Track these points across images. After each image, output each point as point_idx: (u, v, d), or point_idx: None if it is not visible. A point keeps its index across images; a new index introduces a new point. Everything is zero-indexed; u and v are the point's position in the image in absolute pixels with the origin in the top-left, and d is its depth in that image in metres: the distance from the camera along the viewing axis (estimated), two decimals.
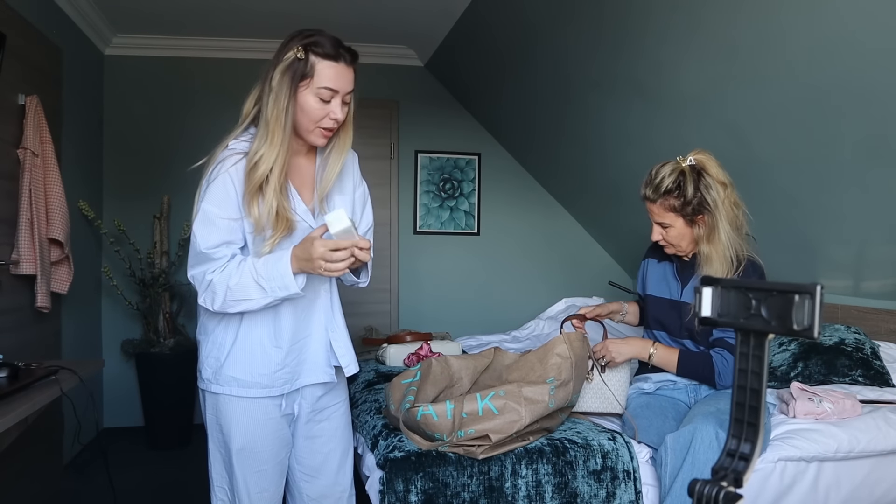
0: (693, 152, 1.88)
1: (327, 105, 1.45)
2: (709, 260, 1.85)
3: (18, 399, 1.54)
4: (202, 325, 1.57)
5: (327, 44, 1.43)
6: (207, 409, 1.55)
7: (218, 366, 1.51)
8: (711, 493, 0.60)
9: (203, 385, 1.55)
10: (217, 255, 1.44)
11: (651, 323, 2.08)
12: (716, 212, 1.83)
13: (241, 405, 1.50)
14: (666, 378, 2.03)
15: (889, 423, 1.91)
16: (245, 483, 1.52)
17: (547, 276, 4.53)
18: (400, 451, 1.69)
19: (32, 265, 2.54)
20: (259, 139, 1.43)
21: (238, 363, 1.50)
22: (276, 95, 1.41)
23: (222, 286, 1.42)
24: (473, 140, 4.45)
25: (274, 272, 1.39)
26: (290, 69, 1.41)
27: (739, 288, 0.62)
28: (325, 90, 1.43)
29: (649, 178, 1.91)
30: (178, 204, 3.99)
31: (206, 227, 1.44)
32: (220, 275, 1.42)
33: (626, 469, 1.72)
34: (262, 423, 1.52)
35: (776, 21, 1.92)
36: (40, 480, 2.53)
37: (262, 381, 1.50)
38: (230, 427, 1.51)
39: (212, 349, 1.53)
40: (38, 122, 2.65)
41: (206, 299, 1.45)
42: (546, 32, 2.92)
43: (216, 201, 1.44)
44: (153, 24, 3.76)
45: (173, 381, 3.75)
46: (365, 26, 3.76)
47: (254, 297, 1.41)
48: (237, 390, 1.50)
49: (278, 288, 1.40)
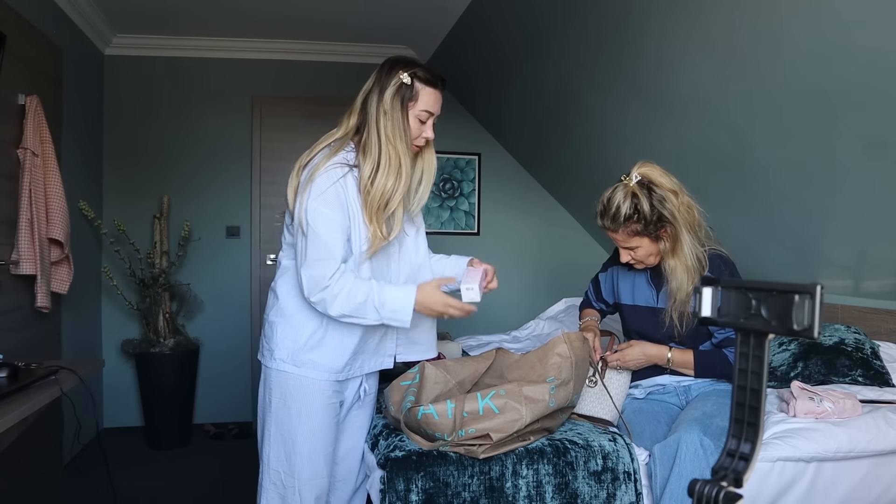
0: (636, 167, 1.85)
1: (423, 126, 1.64)
2: (674, 272, 1.84)
3: (18, 399, 1.54)
4: (280, 308, 1.66)
5: (427, 71, 1.63)
6: (274, 390, 1.64)
7: (296, 348, 1.62)
8: (711, 492, 0.60)
9: (275, 365, 1.64)
10: (337, 253, 1.55)
11: (631, 333, 2.06)
12: (675, 223, 1.81)
13: (312, 388, 1.62)
14: (656, 383, 2.02)
15: (889, 423, 1.91)
16: (311, 467, 1.63)
17: (547, 276, 4.53)
18: (401, 451, 1.69)
19: (32, 265, 2.54)
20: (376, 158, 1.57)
21: (318, 348, 1.63)
22: (391, 118, 1.58)
23: (340, 298, 1.53)
24: (473, 140, 4.45)
25: (397, 306, 1.55)
26: (399, 93, 1.59)
27: (739, 288, 0.62)
28: (424, 113, 1.63)
29: (603, 209, 1.86)
30: (178, 204, 3.99)
31: (325, 226, 1.54)
32: (337, 285, 1.53)
33: (627, 470, 1.72)
34: (328, 408, 1.65)
35: (776, 22, 1.92)
36: (40, 480, 2.53)
37: (335, 366, 1.63)
38: (300, 409, 1.62)
39: (289, 332, 1.64)
40: (38, 122, 2.65)
41: (317, 300, 1.55)
42: (546, 32, 2.92)
43: (334, 206, 1.55)
44: (153, 24, 3.76)
45: (173, 381, 3.75)
46: (365, 26, 3.76)
47: (367, 318, 1.56)
48: (313, 373, 1.62)
49: (393, 320, 1.56)
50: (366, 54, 4.16)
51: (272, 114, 4.15)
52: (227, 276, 4.14)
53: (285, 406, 1.63)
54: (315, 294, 1.54)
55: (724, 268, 1.89)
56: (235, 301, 4.14)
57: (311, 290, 1.54)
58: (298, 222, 1.56)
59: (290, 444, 1.63)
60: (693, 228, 1.84)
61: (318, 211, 1.53)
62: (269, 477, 1.64)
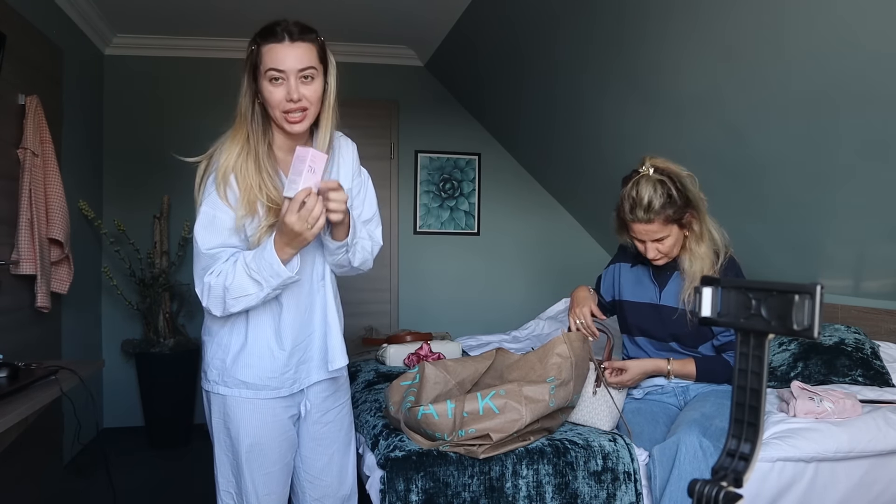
0: (647, 159, 1.87)
1: (280, 87, 1.43)
2: (695, 256, 1.85)
3: (18, 399, 1.54)
4: (206, 326, 1.57)
5: (269, 27, 1.44)
6: (213, 411, 1.54)
7: (224, 367, 1.50)
8: (711, 492, 0.60)
9: (209, 387, 1.53)
10: (220, 257, 1.46)
11: (632, 329, 2.06)
12: (699, 204, 1.85)
13: (249, 407, 1.50)
14: (653, 384, 2.02)
15: (889, 423, 1.91)
16: (253, 485, 1.51)
17: (547, 276, 4.53)
18: (401, 451, 1.69)
19: (32, 265, 2.54)
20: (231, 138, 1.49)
21: (245, 365, 1.49)
22: (244, 94, 1.47)
23: (219, 288, 1.42)
24: (473, 140, 4.45)
25: (262, 262, 1.38)
26: (247, 63, 1.47)
27: (739, 288, 0.62)
28: (272, 72, 1.42)
29: (634, 203, 1.83)
30: (178, 204, 3.99)
31: (204, 229, 1.47)
32: (217, 278, 1.43)
33: (627, 470, 1.72)
34: (270, 425, 1.51)
35: (775, 21, 1.92)
36: (40, 480, 2.53)
37: (270, 384, 1.50)
38: (238, 429, 1.50)
39: (217, 351, 1.52)
40: (38, 122, 2.65)
41: (209, 303, 1.45)
42: (546, 32, 2.92)
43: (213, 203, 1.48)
44: (153, 24, 3.76)
45: (173, 381, 3.75)
46: (365, 26, 3.76)
47: (251, 292, 1.40)
48: (245, 392, 1.49)
49: (270, 276, 1.38)
50: (366, 54, 4.16)
51: None
52: None
53: (225, 427, 1.52)
54: (205, 299, 1.44)
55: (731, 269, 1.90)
56: None
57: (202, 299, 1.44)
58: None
59: (235, 465, 1.53)
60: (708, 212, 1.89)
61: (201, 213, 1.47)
62: (222, 499, 1.57)
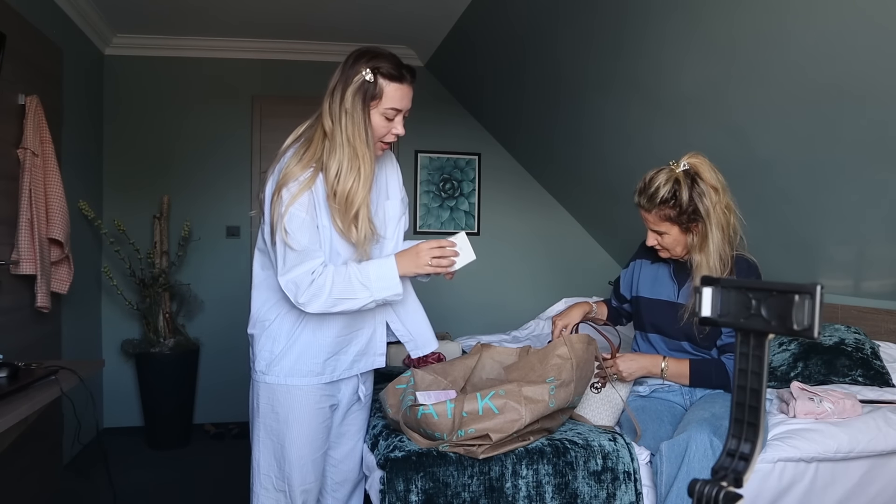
0: (687, 155, 1.84)
1: (391, 122, 1.57)
2: (699, 268, 1.85)
3: (18, 399, 1.54)
4: (259, 320, 1.65)
5: (392, 65, 1.53)
6: (262, 399, 1.63)
7: (272, 357, 1.61)
8: (711, 492, 0.60)
9: (257, 377, 1.64)
10: (316, 254, 1.51)
11: (646, 326, 2.06)
12: (707, 221, 1.81)
13: (297, 394, 1.60)
14: (660, 381, 2.02)
15: (889, 423, 1.91)
16: (301, 472, 1.62)
17: (547, 276, 4.53)
18: (400, 451, 1.69)
19: (32, 265, 2.54)
20: (340, 158, 1.51)
21: (292, 354, 1.60)
22: (352, 117, 1.51)
23: (327, 287, 1.50)
24: (473, 140, 4.45)
25: (380, 273, 1.53)
26: (360, 91, 1.51)
27: (739, 288, 0.62)
28: (391, 111, 1.54)
29: (643, 186, 1.86)
30: (178, 204, 3.99)
31: (300, 229, 1.50)
32: (321, 277, 1.50)
33: (627, 470, 1.72)
34: (315, 412, 1.63)
35: (776, 21, 1.92)
36: (40, 480, 2.53)
37: (314, 370, 1.61)
38: (287, 415, 1.60)
39: (266, 342, 1.63)
40: (38, 122, 2.65)
41: (307, 300, 1.50)
42: (546, 32, 2.92)
43: (304, 208, 1.51)
44: (153, 24, 3.76)
45: (173, 381, 3.76)
46: (365, 26, 3.76)
47: (359, 297, 1.52)
48: (292, 379, 1.60)
49: (383, 288, 1.53)
50: None
51: (272, 114, 4.15)
52: (227, 276, 4.14)
53: (273, 412, 1.62)
54: (302, 294, 1.50)
55: (750, 273, 1.89)
56: (235, 301, 4.14)
57: (297, 293, 1.50)
58: (272, 228, 1.51)
59: (280, 449, 1.62)
60: (726, 230, 1.84)
61: (293, 215, 1.48)
62: (261, 482, 1.64)
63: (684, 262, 1.96)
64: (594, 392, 1.95)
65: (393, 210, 1.71)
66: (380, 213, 1.68)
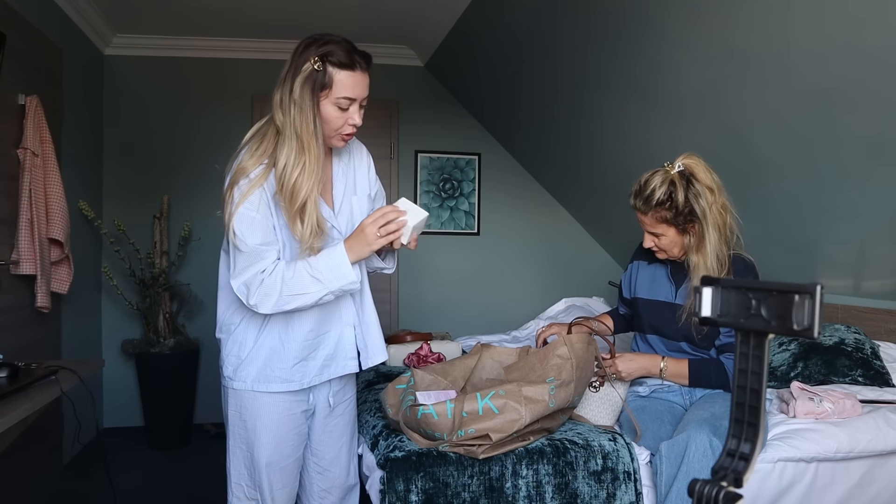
0: (682, 156, 1.85)
1: (346, 112, 1.47)
2: (697, 269, 1.85)
3: (18, 399, 1.54)
4: (224, 324, 1.61)
5: (342, 52, 1.43)
6: (230, 405, 1.59)
7: (238, 363, 1.56)
8: (711, 492, 0.60)
9: (225, 382, 1.59)
10: (266, 254, 1.46)
11: (644, 327, 2.06)
12: (704, 221, 1.81)
13: (265, 400, 1.56)
14: (659, 381, 2.02)
15: (889, 423, 1.91)
16: (269, 479, 1.57)
17: (547, 276, 4.53)
18: (400, 451, 1.69)
19: (32, 265, 2.54)
20: (288, 151, 1.44)
21: (258, 359, 1.55)
22: (300, 108, 1.42)
23: (277, 284, 1.44)
24: (473, 140, 4.45)
25: (330, 263, 1.45)
26: (308, 81, 1.43)
27: (739, 288, 0.62)
28: (343, 100, 1.45)
29: (639, 189, 1.86)
30: (178, 204, 3.99)
31: (249, 230, 1.45)
32: (270, 277, 1.45)
33: (627, 470, 1.72)
34: (285, 419, 1.58)
35: (776, 21, 1.92)
36: (40, 480, 2.53)
37: (281, 376, 1.55)
38: (255, 423, 1.56)
39: (232, 347, 1.58)
40: (38, 122, 2.65)
41: (258, 301, 1.45)
42: (545, 33, 2.92)
43: (255, 206, 1.45)
44: (153, 24, 3.76)
45: (173, 381, 3.75)
46: (365, 26, 3.76)
47: (310, 291, 1.45)
48: (259, 385, 1.55)
49: (335, 278, 1.45)
50: None
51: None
52: None
53: (241, 419, 1.57)
54: (253, 296, 1.44)
55: (747, 272, 1.89)
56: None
57: (248, 296, 1.45)
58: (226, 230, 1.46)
59: (249, 457, 1.57)
60: (722, 230, 1.84)
61: (242, 215, 1.43)
62: (233, 490, 1.60)
63: (681, 262, 1.96)
64: (592, 391, 1.95)
65: (360, 206, 1.64)
66: (345, 209, 1.61)
